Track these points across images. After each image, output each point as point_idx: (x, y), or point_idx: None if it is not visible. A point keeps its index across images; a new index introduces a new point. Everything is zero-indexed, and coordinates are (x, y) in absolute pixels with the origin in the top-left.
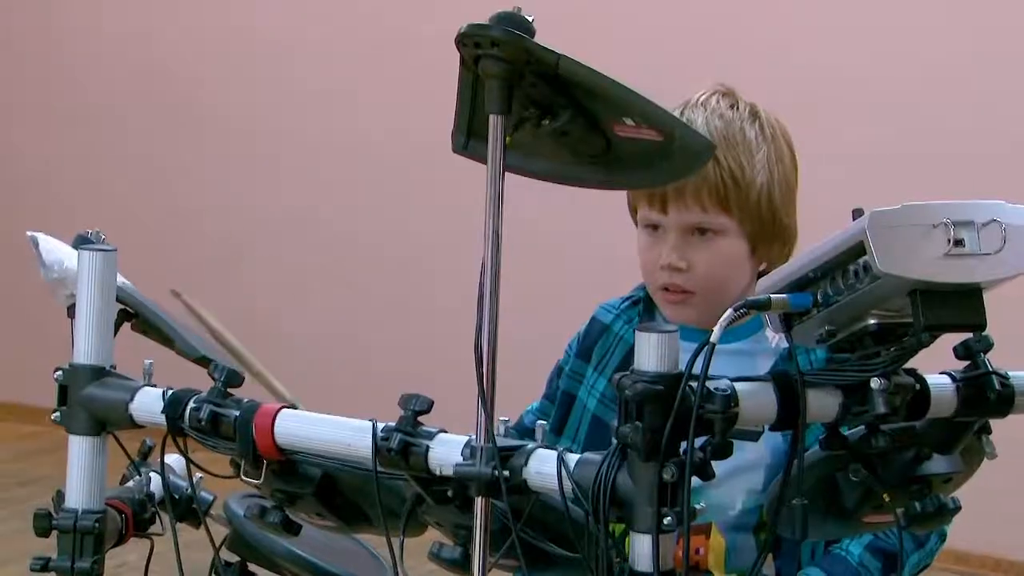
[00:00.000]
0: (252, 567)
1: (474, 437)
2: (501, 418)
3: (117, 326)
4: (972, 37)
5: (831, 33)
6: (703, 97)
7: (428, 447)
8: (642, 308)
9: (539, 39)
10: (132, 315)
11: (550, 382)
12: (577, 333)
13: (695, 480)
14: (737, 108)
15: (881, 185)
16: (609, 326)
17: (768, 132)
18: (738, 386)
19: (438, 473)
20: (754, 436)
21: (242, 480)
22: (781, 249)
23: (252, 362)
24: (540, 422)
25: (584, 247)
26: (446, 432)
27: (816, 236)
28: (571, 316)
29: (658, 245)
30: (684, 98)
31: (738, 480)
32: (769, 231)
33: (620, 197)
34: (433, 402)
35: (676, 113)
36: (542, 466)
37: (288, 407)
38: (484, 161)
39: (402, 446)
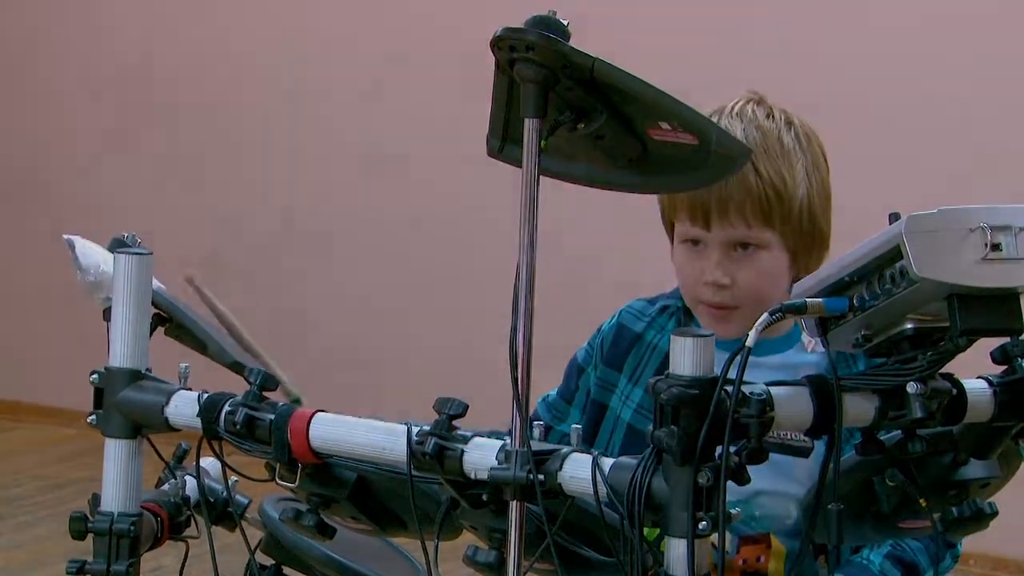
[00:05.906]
0: (287, 570)
1: (509, 441)
2: (536, 422)
3: (151, 330)
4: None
5: (854, 32)
6: (738, 106)
7: (463, 451)
8: (680, 318)
9: (574, 42)
10: (166, 319)
11: (568, 378)
12: (599, 332)
13: (744, 489)
14: (772, 117)
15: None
16: (641, 335)
17: (803, 140)
18: (774, 391)
19: (473, 477)
20: (805, 452)
21: (277, 483)
22: (819, 256)
23: (261, 353)
24: (575, 426)
25: (618, 251)
26: (480, 436)
27: (844, 239)
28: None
29: (699, 260)
30: (716, 104)
31: (791, 490)
32: (809, 241)
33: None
34: (468, 406)
35: None
36: (577, 470)
37: (295, 402)
38: (519, 165)
39: (437, 450)
